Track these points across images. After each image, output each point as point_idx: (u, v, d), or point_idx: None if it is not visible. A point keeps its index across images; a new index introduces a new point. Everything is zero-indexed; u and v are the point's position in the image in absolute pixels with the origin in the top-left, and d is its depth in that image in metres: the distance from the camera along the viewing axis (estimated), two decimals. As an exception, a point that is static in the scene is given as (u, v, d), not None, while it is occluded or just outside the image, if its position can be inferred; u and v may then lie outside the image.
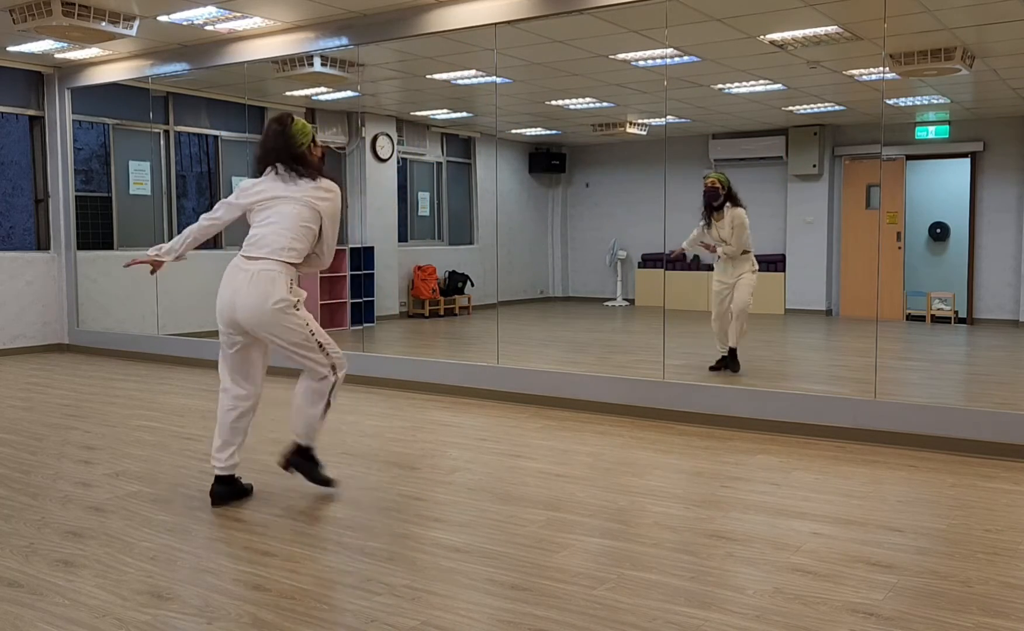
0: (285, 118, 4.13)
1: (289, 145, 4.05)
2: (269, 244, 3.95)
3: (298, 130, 4.08)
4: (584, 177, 15.12)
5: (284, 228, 3.96)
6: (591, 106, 11.04)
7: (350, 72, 8.20)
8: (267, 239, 3.96)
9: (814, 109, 11.09)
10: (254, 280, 3.93)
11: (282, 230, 3.95)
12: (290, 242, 3.95)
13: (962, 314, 11.77)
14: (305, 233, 4.00)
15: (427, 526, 3.80)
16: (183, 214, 10.91)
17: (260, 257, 3.95)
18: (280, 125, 4.10)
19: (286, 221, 3.96)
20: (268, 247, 3.95)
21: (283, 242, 3.94)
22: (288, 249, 3.95)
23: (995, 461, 4.79)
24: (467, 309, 13.05)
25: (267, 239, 3.96)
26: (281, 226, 3.96)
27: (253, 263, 3.97)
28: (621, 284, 14.24)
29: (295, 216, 3.97)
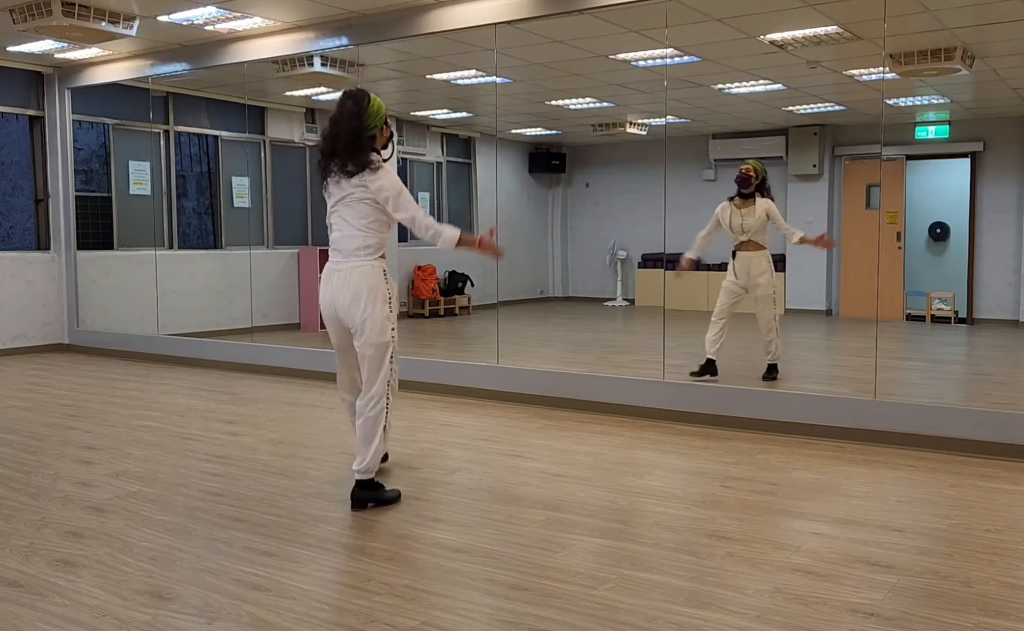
0: (362, 97, 3.99)
1: (361, 127, 3.93)
2: (346, 247, 3.99)
3: (373, 111, 3.97)
4: (584, 177, 15.12)
5: (353, 229, 3.97)
6: (591, 106, 11.04)
7: (350, 72, 8.20)
8: (342, 242, 4.01)
9: (814, 109, 11.10)
10: (347, 277, 3.96)
11: (353, 232, 3.97)
12: (363, 240, 3.96)
13: (962, 314, 11.77)
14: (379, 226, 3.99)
15: (427, 526, 3.80)
16: (183, 214, 10.92)
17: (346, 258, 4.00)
18: (356, 104, 3.97)
19: (352, 221, 3.97)
20: (347, 250, 3.99)
21: (356, 243, 3.96)
22: (364, 247, 3.96)
23: (995, 461, 4.79)
24: (467, 309, 13.05)
25: (342, 242, 4.01)
26: (350, 227, 3.98)
27: (343, 264, 3.99)
28: (621, 284, 14.24)
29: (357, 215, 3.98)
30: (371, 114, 3.96)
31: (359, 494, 4.02)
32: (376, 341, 3.93)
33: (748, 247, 6.80)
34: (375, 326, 3.92)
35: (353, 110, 3.95)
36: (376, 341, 3.93)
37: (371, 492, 4.04)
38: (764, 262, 6.78)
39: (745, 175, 6.77)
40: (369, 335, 3.92)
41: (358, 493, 4.02)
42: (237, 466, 4.77)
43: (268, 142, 10.93)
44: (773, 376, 6.86)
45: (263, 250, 10.78)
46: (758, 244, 6.79)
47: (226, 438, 5.45)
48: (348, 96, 4.01)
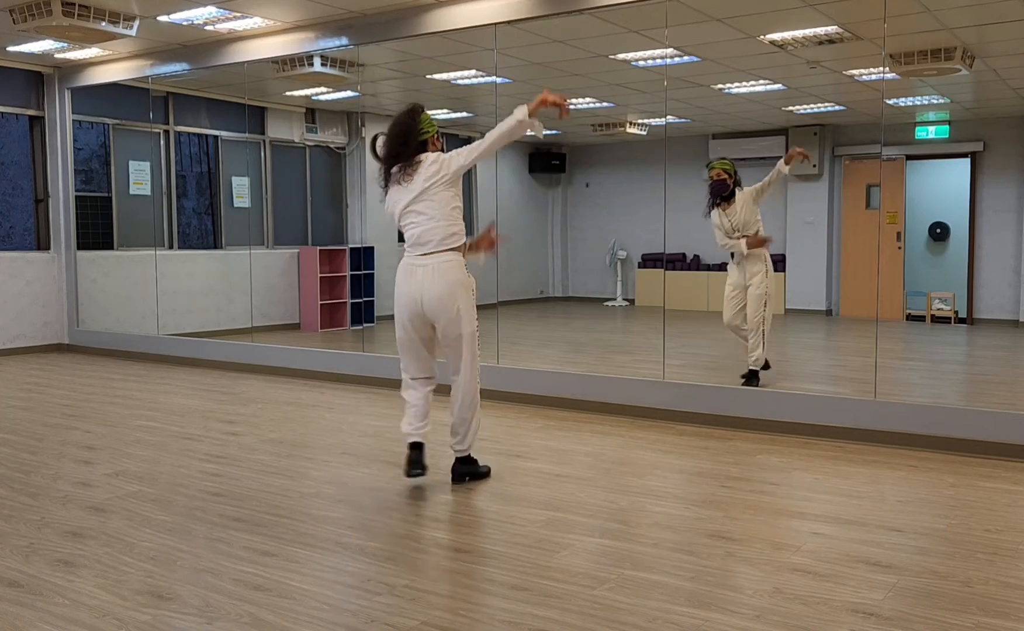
0: (415, 107, 4.37)
1: (416, 131, 4.26)
2: (432, 238, 4.20)
3: (426, 118, 4.33)
4: (584, 177, 15.12)
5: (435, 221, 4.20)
6: (591, 106, 11.04)
7: (350, 72, 8.20)
8: (425, 236, 4.21)
9: (814, 109, 11.09)
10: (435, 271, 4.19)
11: (436, 223, 4.20)
12: (447, 229, 4.20)
13: (962, 314, 11.77)
14: (455, 213, 4.25)
15: (427, 526, 3.80)
16: (183, 214, 10.92)
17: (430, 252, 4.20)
18: (410, 114, 4.33)
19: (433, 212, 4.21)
20: (431, 242, 4.20)
21: (441, 232, 4.20)
22: (450, 236, 4.20)
23: (995, 461, 4.79)
24: (467, 309, 13.02)
25: (425, 236, 4.21)
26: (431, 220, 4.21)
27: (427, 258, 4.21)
28: (621, 284, 14.24)
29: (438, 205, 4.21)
30: (424, 120, 4.31)
31: (459, 469, 4.42)
32: (469, 330, 4.24)
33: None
34: (468, 315, 4.22)
35: (408, 117, 4.32)
36: (469, 330, 4.24)
37: (469, 467, 4.43)
38: (759, 263, 6.63)
39: (720, 181, 6.67)
40: (464, 324, 4.21)
41: (458, 468, 4.42)
42: (237, 466, 4.77)
43: (268, 142, 10.93)
44: (754, 383, 6.47)
45: (263, 250, 10.78)
46: (753, 242, 6.65)
47: (226, 438, 5.45)
48: (404, 111, 4.37)
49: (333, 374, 7.58)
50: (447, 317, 4.18)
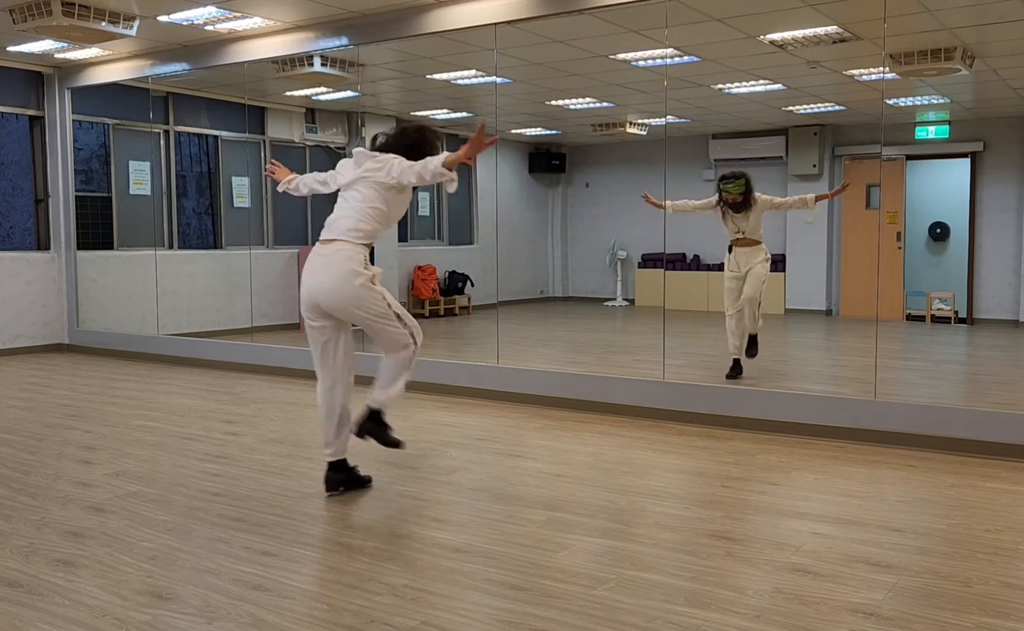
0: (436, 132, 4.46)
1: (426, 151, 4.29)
2: (337, 227, 4.16)
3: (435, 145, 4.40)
4: (584, 177, 15.12)
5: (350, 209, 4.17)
6: (591, 106, 11.04)
7: (350, 72, 8.20)
8: (334, 223, 4.19)
9: (814, 109, 11.09)
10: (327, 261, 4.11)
11: (349, 213, 4.17)
12: (356, 223, 4.12)
13: (962, 314, 11.77)
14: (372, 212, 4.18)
15: (427, 526, 3.80)
16: (183, 214, 10.92)
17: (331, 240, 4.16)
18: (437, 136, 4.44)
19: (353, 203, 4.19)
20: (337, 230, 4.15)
21: (348, 224, 4.13)
22: (355, 230, 4.13)
23: (995, 461, 4.79)
24: (467, 309, 13.05)
25: (334, 223, 4.19)
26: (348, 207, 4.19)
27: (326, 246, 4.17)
28: (621, 284, 14.24)
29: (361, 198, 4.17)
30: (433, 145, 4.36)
31: (366, 424, 4.25)
32: (376, 311, 4.08)
33: (744, 243, 6.95)
34: (368, 300, 4.05)
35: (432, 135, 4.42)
36: (376, 311, 4.08)
37: (376, 426, 4.26)
38: (760, 253, 6.91)
39: (737, 202, 6.83)
40: (361, 308, 4.06)
41: (365, 423, 4.25)
42: (237, 466, 4.77)
43: (268, 142, 10.93)
44: (753, 352, 6.95)
45: (263, 250, 10.78)
46: (754, 240, 6.93)
47: (226, 438, 5.45)
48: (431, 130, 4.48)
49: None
50: (342, 307, 4.06)
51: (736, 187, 6.79)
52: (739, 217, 6.87)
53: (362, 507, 4.06)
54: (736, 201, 6.83)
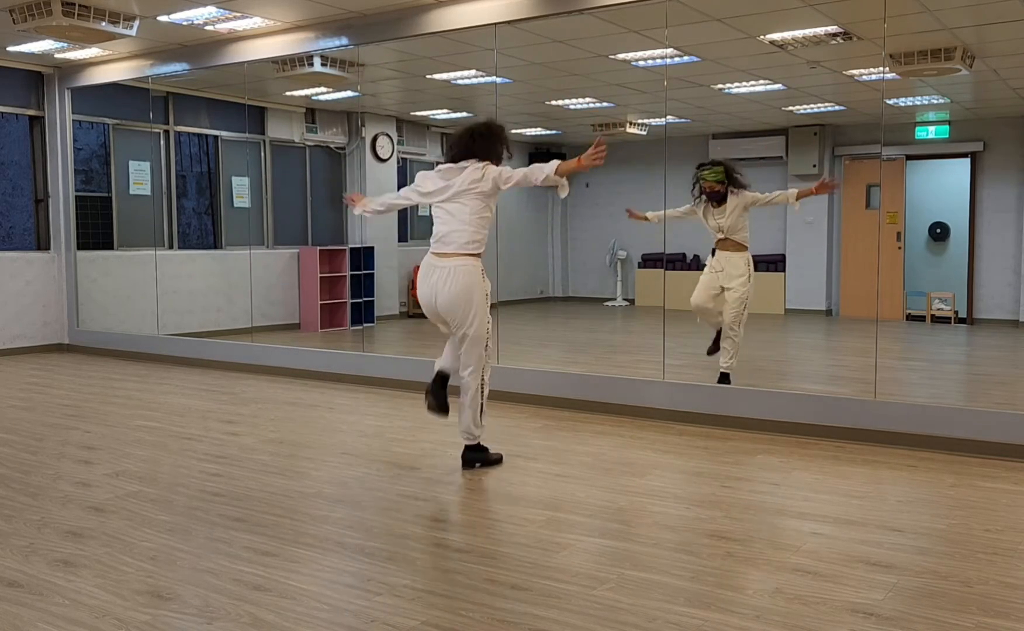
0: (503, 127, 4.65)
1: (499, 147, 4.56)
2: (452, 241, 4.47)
3: (505, 140, 4.60)
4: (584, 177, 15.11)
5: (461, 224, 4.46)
6: (591, 106, 11.04)
7: (350, 72, 8.20)
8: (449, 237, 4.48)
9: (814, 109, 11.09)
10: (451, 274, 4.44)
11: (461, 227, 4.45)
12: (472, 235, 4.44)
13: (962, 314, 11.77)
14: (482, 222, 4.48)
15: (427, 526, 3.80)
16: (183, 214, 10.92)
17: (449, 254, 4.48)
18: (504, 129, 4.62)
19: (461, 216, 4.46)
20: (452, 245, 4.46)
21: (464, 237, 4.45)
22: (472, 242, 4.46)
23: (995, 461, 4.79)
24: (467, 309, 13.02)
25: (449, 237, 4.48)
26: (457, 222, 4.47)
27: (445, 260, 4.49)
28: (621, 284, 14.24)
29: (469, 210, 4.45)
30: (503, 141, 4.58)
31: (468, 456, 4.66)
32: (477, 333, 4.46)
33: (727, 246, 6.57)
34: (478, 317, 4.43)
35: (501, 131, 4.60)
36: (477, 333, 4.46)
37: (478, 454, 4.67)
38: (742, 265, 6.51)
39: (715, 192, 6.48)
40: (472, 325, 4.44)
41: (467, 455, 4.66)
42: (237, 466, 4.77)
43: (268, 142, 10.93)
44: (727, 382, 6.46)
45: (263, 250, 10.78)
46: (737, 244, 6.55)
47: (226, 438, 5.45)
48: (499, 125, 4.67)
49: (333, 374, 7.58)
50: (457, 317, 4.43)
51: (713, 174, 6.44)
52: (718, 212, 6.49)
53: (362, 507, 4.06)
54: (714, 190, 6.45)
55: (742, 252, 6.55)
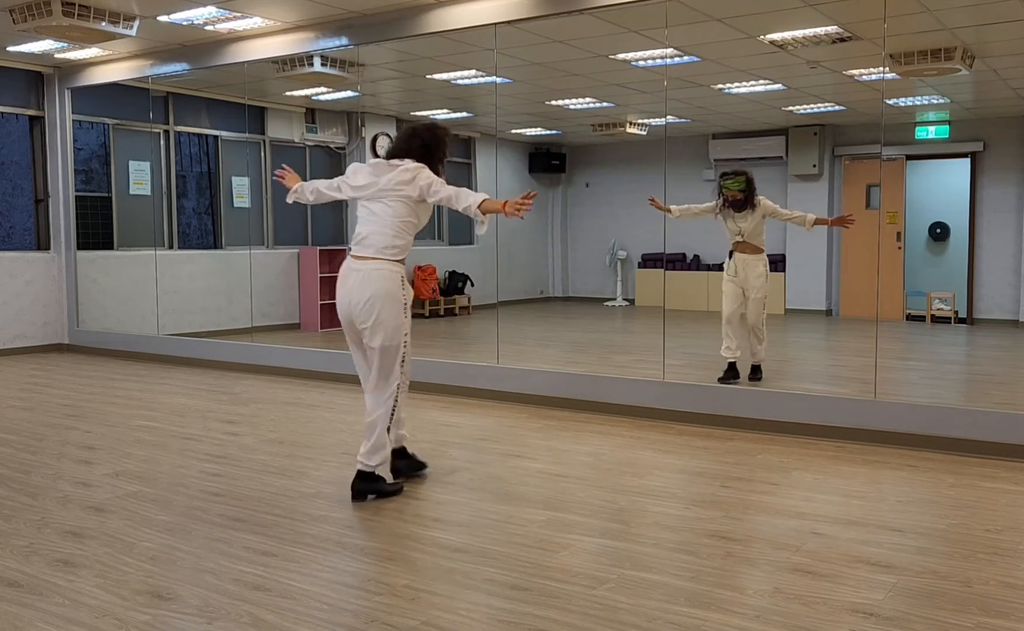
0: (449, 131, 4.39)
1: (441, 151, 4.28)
2: (372, 244, 4.12)
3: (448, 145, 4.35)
4: (584, 177, 15.12)
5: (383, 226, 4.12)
6: (591, 106, 11.04)
7: (350, 72, 8.20)
8: (369, 240, 4.13)
9: (814, 109, 11.10)
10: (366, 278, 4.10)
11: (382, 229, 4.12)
12: (392, 240, 4.11)
13: (962, 314, 11.77)
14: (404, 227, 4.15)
15: (427, 526, 3.80)
16: (183, 214, 10.92)
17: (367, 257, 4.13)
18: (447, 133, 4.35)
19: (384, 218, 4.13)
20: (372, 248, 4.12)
21: (384, 241, 4.11)
22: (391, 247, 4.12)
23: (995, 461, 4.79)
24: (467, 309, 13.05)
25: (369, 240, 4.13)
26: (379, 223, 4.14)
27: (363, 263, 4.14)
28: (621, 284, 14.24)
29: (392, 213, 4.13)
30: (447, 144, 4.32)
31: (359, 486, 4.13)
32: (387, 344, 4.07)
33: (745, 249, 6.83)
34: (388, 328, 4.06)
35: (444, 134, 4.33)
36: (387, 344, 4.07)
37: (372, 484, 4.15)
38: (760, 266, 6.82)
39: (737, 201, 6.74)
40: (379, 337, 4.05)
41: (358, 485, 4.13)
42: (237, 466, 4.77)
43: (268, 142, 10.93)
44: (758, 376, 6.86)
45: (263, 250, 10.78)
46: (755, 246, 6.83)
47: (226, 438, 5.45)
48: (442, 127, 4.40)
49: (333, 374, 7.58)
50: (369, 323, 4.05)
51: (736, 183, 6.72)
52: (739, 217, 6.78)
53: (362, 507, 4.06)
54: (736, 199, 6.74)
55: (759, 254, 6.86)
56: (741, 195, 6.73)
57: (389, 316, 4.05)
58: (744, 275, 6.82)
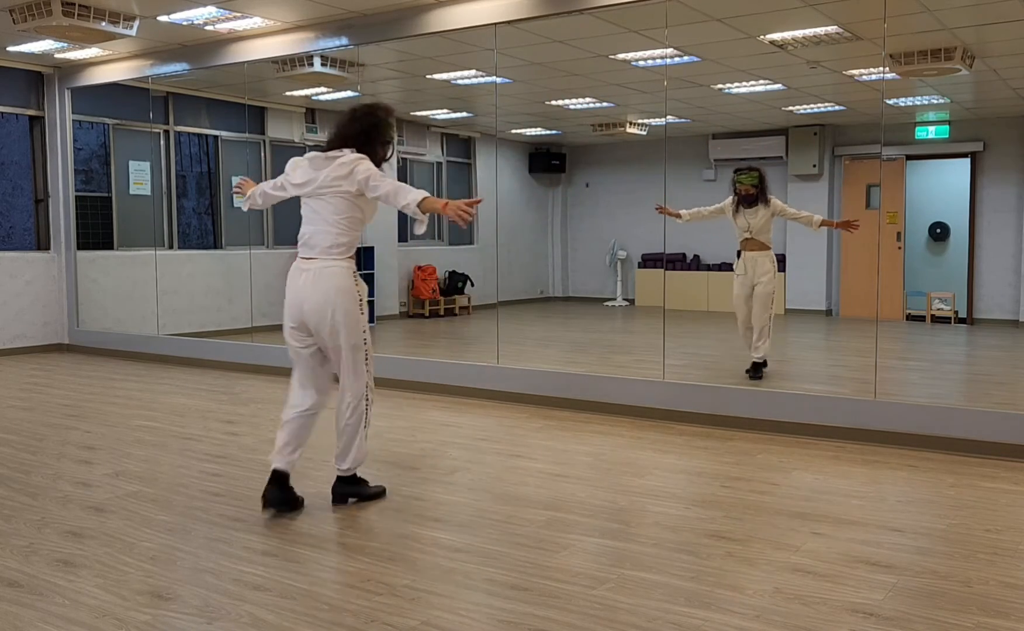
0: (392, 110, 4.13)
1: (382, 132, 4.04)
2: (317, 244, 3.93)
3: (390, 125, 4.10)
4: (584, 177, 15.12)
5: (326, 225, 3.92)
6: (591, 106, 11.04)
7: (350, 72, 8.20)
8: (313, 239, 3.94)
9: (814, 109, 11.09)
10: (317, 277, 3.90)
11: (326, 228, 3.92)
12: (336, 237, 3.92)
13: (962, 314, 11.77)
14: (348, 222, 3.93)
15: (427, 526, 3.80)
16: (183, 214, 10.92)
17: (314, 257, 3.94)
18: (388, 111, 4.09)
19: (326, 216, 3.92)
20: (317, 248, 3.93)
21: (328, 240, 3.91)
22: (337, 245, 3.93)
23: (995, 461, 4.79)
24: (467, 309, 13.05)
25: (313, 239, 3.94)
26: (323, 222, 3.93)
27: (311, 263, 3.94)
28: (621, 284, 14.24)
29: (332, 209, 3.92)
30: (389, 125, 4.08)
31: (339, 488, 4.10)
32: (351, 342, 3.91)
33: (753, 246, 7.02)
34: (350, 326, 3.89)
35: (384, 113, 4.07)
36: (351, 342, 3.91)
37: (353, 487, 4.11)
38: (768, 263, 7.01)
39: (749, 196, 6.96)
40: (344, 336, 3.89)
41: (339, 488, 4.10)
42: (237, 466, 4.77)
43: (268, 142, 10.93)
44: (759, 375, 6.93)
45: (263, 250, 10.78)
46: (762, 243, 7.02)
47: (226, 438, 5.45)
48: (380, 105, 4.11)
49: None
50: (326, 325, 3.87)
51: (750, 178, 6.93)
52: (750, 213, 6.96)
53: (362, 507, 4.06)
54: (749, 194, 6.93)
55: (767, 251, 7.04)
56: (754, 190, 6.93)
57: (346, 313, 3.88)
58: (753, 271, 7.00)
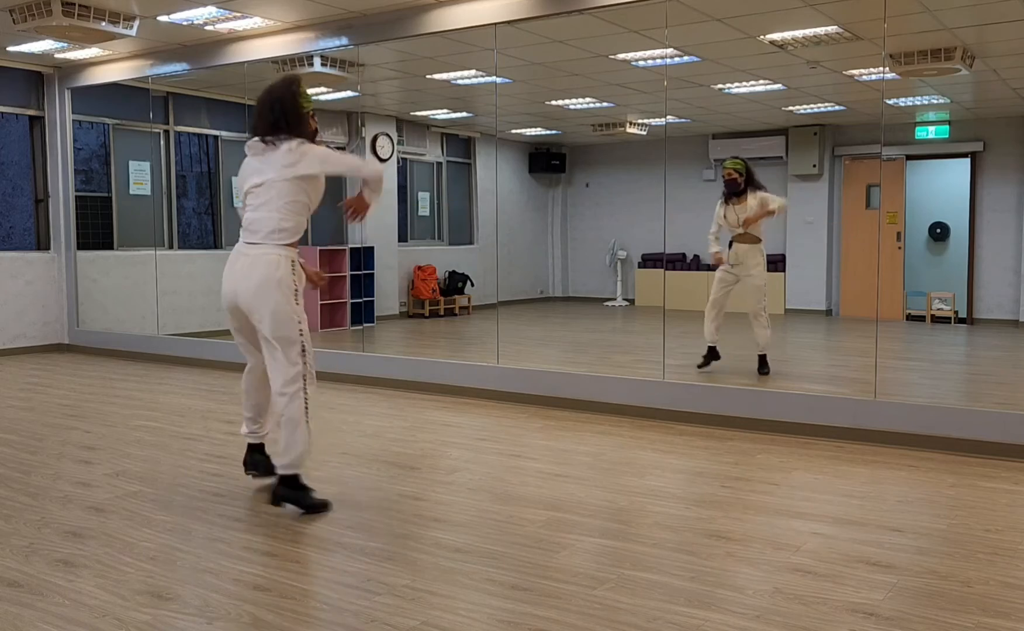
0: (296, 78, 4.16)
1: (297, 106, 4.04)
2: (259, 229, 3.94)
3: (304, 94, 4.10)
4: (584, 177, 15.12)
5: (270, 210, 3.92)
6: (591, 106, 11.04)
7: (350, 72, 8.20)
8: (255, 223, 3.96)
9: (814, 109, 11.09)
10: (253, 264, 3.93)
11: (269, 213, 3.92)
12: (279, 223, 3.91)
13: (962, 314, 11.77)
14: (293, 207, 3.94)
15: (427, 526, 3.80)
16: (183, 214, 10.92)
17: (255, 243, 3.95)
18: (290, 84, 4.11)
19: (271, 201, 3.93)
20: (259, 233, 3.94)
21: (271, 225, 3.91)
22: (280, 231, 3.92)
23: (995, 461, 4.79)
24: (467, 309, 13.05)
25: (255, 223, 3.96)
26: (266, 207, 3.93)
27: (251, 249, 3.97)
28: (621, 284, 14.24)
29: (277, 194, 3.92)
30: (303, 95, 4.07)
31: (281, 491, 3.96)
32: (279, 334, 3.87)
33: (744, 239, 7.13)
34: (280, 318, 3.86)
35: (286, 89, 4.08)
36: (279, 334, 3.87)
37: (293, 492, 3.95)
38: (758, 255, 7.14)
39: (731, 179, 7.08)
40: (270, 326, 3.86)
41: (279, 489, 3.97)
42: (237, 466, 4.76)
43: (268, 142, 10.92)
44: (765, 371, 7.03)
45: (263, 250, 10.77)
46: (753, 236, 7.12)
47: (226, 438, 5.45)
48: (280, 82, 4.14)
49: (333, 374, 7.58)
50: (257, 314, 3.88)
51: (732, 163, 7.07)
52: (739, 207, 7.02)
53: (362, 507, 4.06)
54: (733, 178, 7.03)
55: (757, 244, 7.15)
56: (738, 175, 7.03)
57: (276, 304, 3.83)
58: (743, 263, 7.10)
